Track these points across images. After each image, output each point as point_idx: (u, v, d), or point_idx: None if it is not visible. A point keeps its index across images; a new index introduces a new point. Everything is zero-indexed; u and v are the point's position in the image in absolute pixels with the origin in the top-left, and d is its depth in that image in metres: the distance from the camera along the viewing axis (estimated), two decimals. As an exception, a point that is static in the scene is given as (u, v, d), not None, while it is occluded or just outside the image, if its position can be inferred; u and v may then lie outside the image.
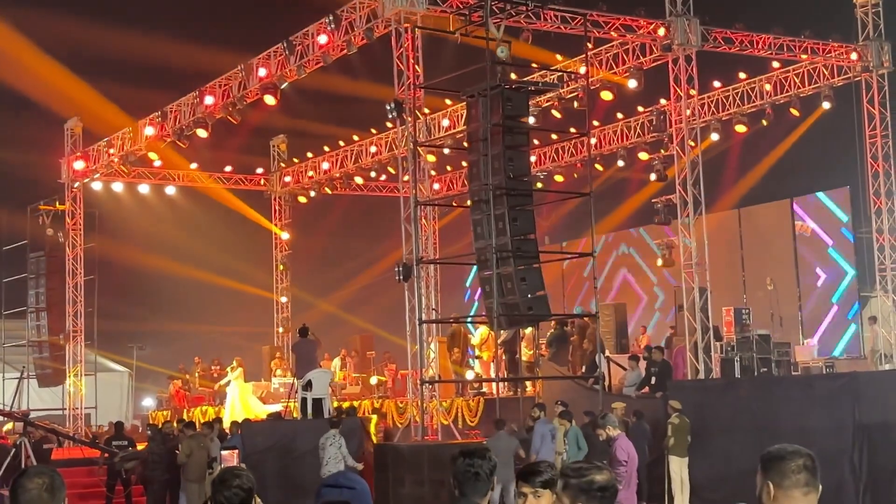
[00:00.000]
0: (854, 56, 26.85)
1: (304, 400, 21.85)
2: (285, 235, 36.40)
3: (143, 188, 34.65)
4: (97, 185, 33.34)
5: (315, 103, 32.35)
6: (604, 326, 23.66)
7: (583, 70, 24.41)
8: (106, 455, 22.61)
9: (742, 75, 28.56)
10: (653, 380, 22.14)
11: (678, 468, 18.18)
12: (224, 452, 18.56)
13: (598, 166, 30.84)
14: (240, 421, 22.40)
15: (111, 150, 31.51)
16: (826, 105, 27.65)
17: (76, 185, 32.56)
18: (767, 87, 28.30)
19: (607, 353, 23.36)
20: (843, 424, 16.60)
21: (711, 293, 24.06)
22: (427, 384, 21.60)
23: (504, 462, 16.59)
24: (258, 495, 5.64)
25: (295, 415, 23.10)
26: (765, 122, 28.77)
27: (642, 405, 20.28)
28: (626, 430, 17.19)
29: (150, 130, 29.65)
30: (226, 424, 23.45)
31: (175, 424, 24.00)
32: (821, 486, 4.54)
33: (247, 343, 35.96)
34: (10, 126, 36.69)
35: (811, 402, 17.49)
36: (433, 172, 30.40)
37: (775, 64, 27.62)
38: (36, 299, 33.10)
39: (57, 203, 32.78)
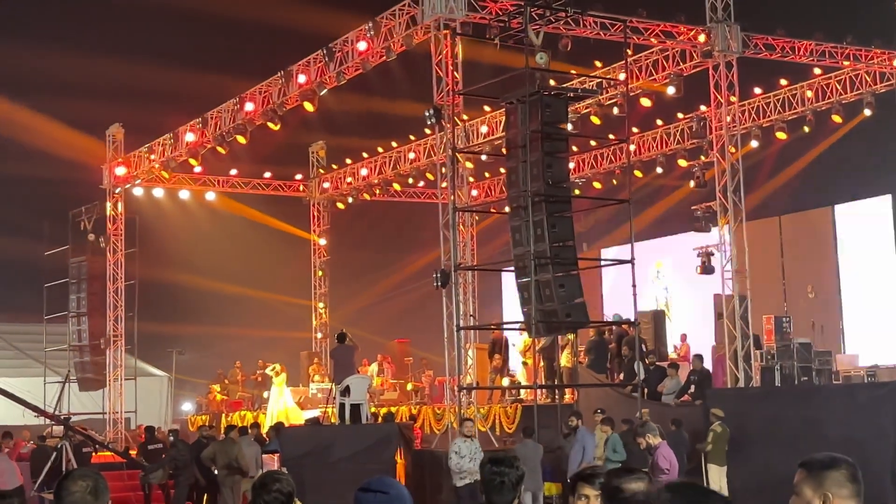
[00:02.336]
0: (897, 62, 26.64)
1: (342, 405, 21.91)
2: (322, 241, 36.56)
3: (184, 194, 34.97)
4: (138, 191, 33.65)
5: (354, 110, 32.46)
6: (642, 334, 23.55)
7: (622, 76, 24.39)
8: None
9: (783, 82, 28.38)
10: (692, 388, 22.05)
11: (717, 477, 18.08)
12: (265, 456, 18.68)
13: (637, 173, 30.72)
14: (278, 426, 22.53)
15: (152, 156, 31.80)
16: (867, 112, 27.44)
17: (117, 190, 32.87)
18: (809, 93, 28.12)
19: (647, 360, 23.26)
20: (884, 434, 16.45)
21: (751, 301, 23.93)
22: (464, 391, 21.59)
23: (532, 469, 16.57)
24: (297, 499, 5.67)
25: (333, 420, 23.15)
26: (807, 129, 28.57)
27: (682, 413, 20.19)
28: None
29: (190, 136, 29.89)
30: (266, 429, 23.57)
31: (209, 429, 24.35)
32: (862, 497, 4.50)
33: (285, 348, 36.10)
34: (52, 132, 37.14)
35: (853, 411, 17.35)
36: (471, 179, 30.43)
37: (817, 70, 27.42)
38: (77, 304, 33.37)
39: (98, 208, 33.10)
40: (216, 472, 20.52)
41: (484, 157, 29.23)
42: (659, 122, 30.61)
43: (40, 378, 31.90)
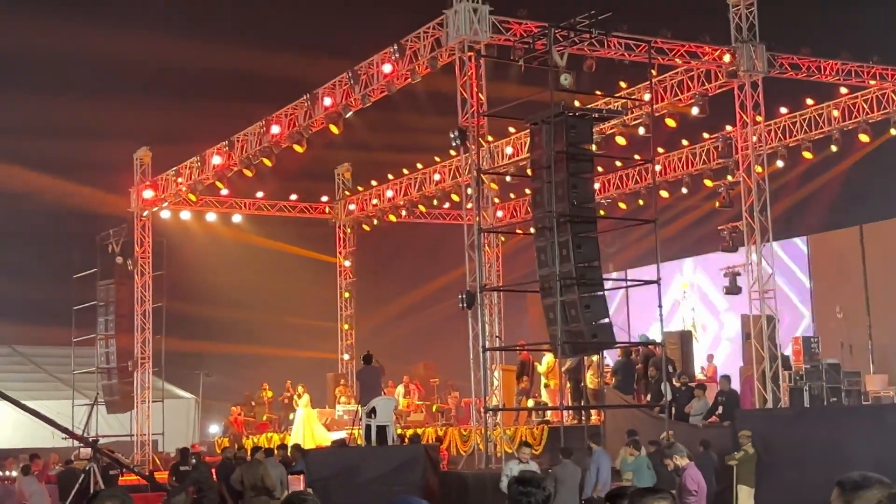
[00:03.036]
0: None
1: (368, 427, 21.90)
2: (347, 263, 36.64)
3: (211, 216, 35.13)
4: (165, 214, 33.81)
5: (379, 132, 32.58)
6: (669, 354, 23.44)
7: (647, 97, 24.37)
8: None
9: (809, 101, 28.29)
10: (720, 409, 21.92)
11: (746, 498, 17.93)
12: (290, 477, 18.67)
13: (662, 193, 30.65)
14: (304, 447, 22.53)
15: (179, 179, 31.97)
16: (894, 131, 27.30)
17: (145, 213, 33.07)
18: (835, 112, 28.00)
19: (679, 380, 23.15)
20: (915, 455, 16.27)
21: (779, 321, 23.80)
22: (490, 412, 21.55)
23: (569, 488, 16.51)
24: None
25: (359, 442, 23.15)
26: (834, 148, 28.44)
27: (710, 434, 20.06)
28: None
29: (217, 160, 30.07)
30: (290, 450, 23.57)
31: (235, 451, 24.34)
32: None
33: (311, 369, 36.15)
34: (80, 155, 37.46)
35: (882, 432, 17.18)
36: (496, 200, 30.46)
37: (843, 90, 27.31)
38: (105, 326, 33.51)
39: (126, 232, 33.29)
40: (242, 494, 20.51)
41: (509, 179, 29.25)
42: (684, 141, 30.56)
43: (69, 400, 32.05)
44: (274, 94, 31.05)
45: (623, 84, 26.00)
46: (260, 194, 34.77)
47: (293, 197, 35.84)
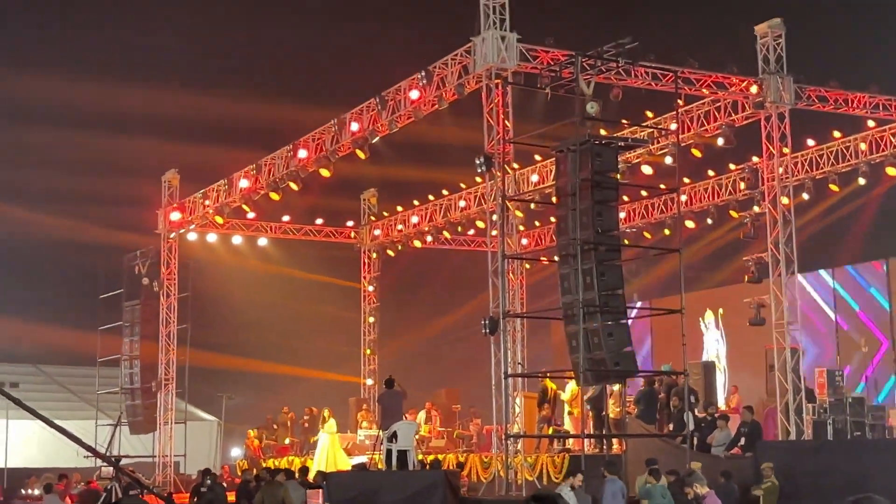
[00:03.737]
0: (952, 115, 26.45)
1: (389, 451, 21.91)
2: (371, 288, 36.73)
3: (237, 239, 35.31)
4: (192, 236, 34.00)
5: (405, 158, 32.73)
6: (692, 385, 23.35)
7: (673, 127, 24.40)
8: None
9: (837, 133, 28.24)
10: (742, 440, 21.82)
11: (768, 530, 17.86)
12: (309, 492, 18.70)
13: (688, 223, 30.62)
14: (326, 471, 22.55)
15: (206, 202, 32.18)
16: (923, 165, 27.22)
17: (172, 235, 33.28)
18: (863, 146, 27.93)
19: (707, 411, 23.07)
20: (939, 490, 16.14)
21: (804, 354, 23.70)
22: (512, 439, 21.52)
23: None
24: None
25: (380, 466, 23.15)
26: (862, 181, 28.36)
27: (731, 465, 19.99)
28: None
29: (244, 183, 30.26)
30: (314, 474, 23.62)
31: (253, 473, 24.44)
32: None
33: (335, 392, 36.20)
34: (108, 177, 37.78)
35: (906, 466, 17.07)
36: (521, 227, 30.50)
37: (871, 122, 27.25)
38: (130, 347, 33.70)
39: (152, 253, 33.51)
40: None
41: (533, 206, 29.27)
42: (710, 172, 30.52)
43: (92, 420, 32.20)
44: (302, 118, 31.27)
45: (649, 113, 26.06)
46: (286, 218, 34.93)
47: (319, 221, 35.99)
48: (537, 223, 34.88)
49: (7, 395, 20.73)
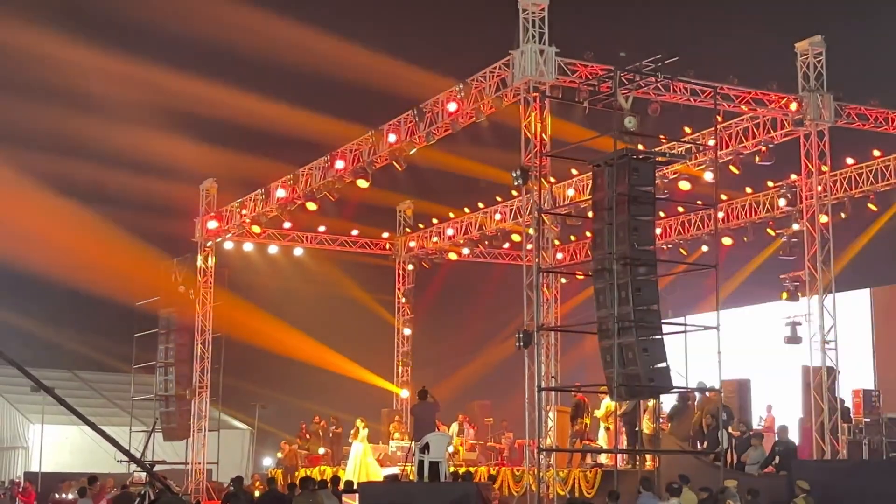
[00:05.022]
0: None
1: (420, 463, 21.89)
2: (404, 299, 36.79)
3: (272, 249, 35.49)
4: (228, 245, 34.21)
5: (442, 170, 32.79)
6: (727, 402, 23.22)
7: (712, 143, 24.34)
8: None
9: (876, 153, 28.07)
10: (777, 459, 21.69)
11: (802, 549, 17.72)
12: (346, 496, 18.70)
13: (725, 240, 30.49)
14: (357, 481, 22.58)
15: (244, 211, 32.39)
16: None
17: (209, 243, 33.52)
18: (902, 164, 27.78)
19: (731, 428, 22.94)
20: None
21: (840, 373, 23.54)
22: (544, 453, 21.49)
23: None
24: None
25: (412, 477, 23.16)
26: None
27: (765, 484, 19.86)
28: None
29: (281, 192, 30.43)
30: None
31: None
32: None
33: (368, 401, 36.26)
34: (147, 184, 38.06)
35: (942, 488, 16.92)
36: (557, 242, 30.48)
37: (911, 142, 27.11)
38: (165, 354, 33.91)
39: (189, 261, 33.76)
40: None
41: (569, 220, 29.22)
42: (748, 189, 30.41)
43: (126, 427, 32.41)
44: (339, 127, 31.45)
45: (688, 129, 25.98)
46: (322, 228, 35.08)
47: (354, 232, 36.11)
48: (573, 238, 34.87)
49: (55, 396, 20.87)
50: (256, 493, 25.95)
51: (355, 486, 22.98)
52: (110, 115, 39.94)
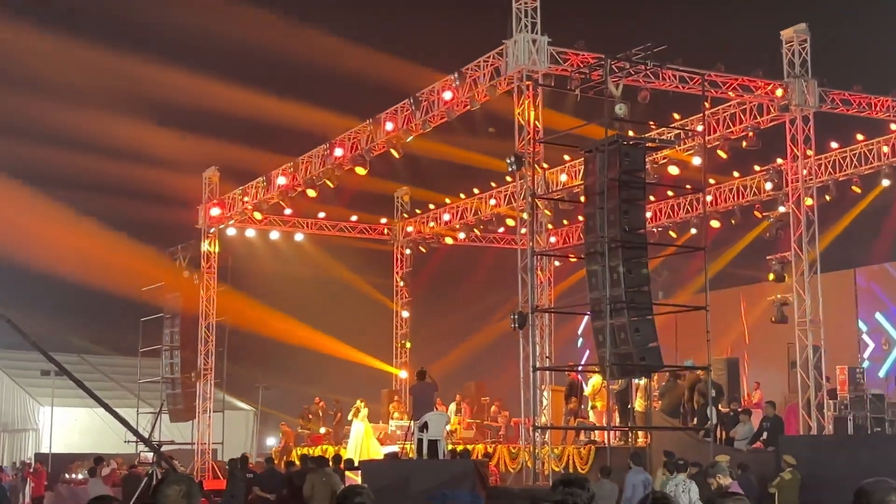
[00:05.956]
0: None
1: (420, 441, 21.97)
2: (402, 283, 36.78)
3: (274, 234, 35.48)
4: (231, 231, 34.19)
5: (438, 157, 32.76)
6: (716, 380, 23.30)
7: (700, 128, 24.35)
8: None
9: (860, 136, 28.09)
10: (765, 434, 21.78)
11: (789, 521, 17.82)
12: (348, 473, 18.67)
13: (713, 223, 30.51)
14: (358, 459, 22.63)
15: (245, 198, 32.38)
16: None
17: (212, 230, 33.51)
18: (885, 148, 27.78)
19: (731, 406, 23.01)
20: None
21: (826, 351, 23.61)
22: (539, 431, 21.56)
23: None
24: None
25: (411, 455, 23.23)
26: (886, 183, 28.19)
27: (753, 459, 19.95)
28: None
29: (282, 180, 30.41)
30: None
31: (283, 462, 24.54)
32: None
33: (366, 384, 36.28)
34: (152, 173, 38.03)
35: (925, 461, 16.96)
36: (550, 226, 30.47)
37: (893, 126, 27.09)
38: (170, 338, 33.91)
39: (193, 247, 33.72)
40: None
41: (561, 205, 29.26)
42: (735, 173, 30.43)
43: (134, 409, 32.40)
44: (337, 118, 31.40)
45: (676, 115, 26.00)
46: (322, 214, 35.07)
47: (353, 218, 36.10)
48: (565, 221, 34.85)
49: (69, 375, 20.91)
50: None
51: (356, 464, 23.01)
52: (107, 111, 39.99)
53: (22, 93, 39.32)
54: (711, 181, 29.49)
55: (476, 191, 33.83)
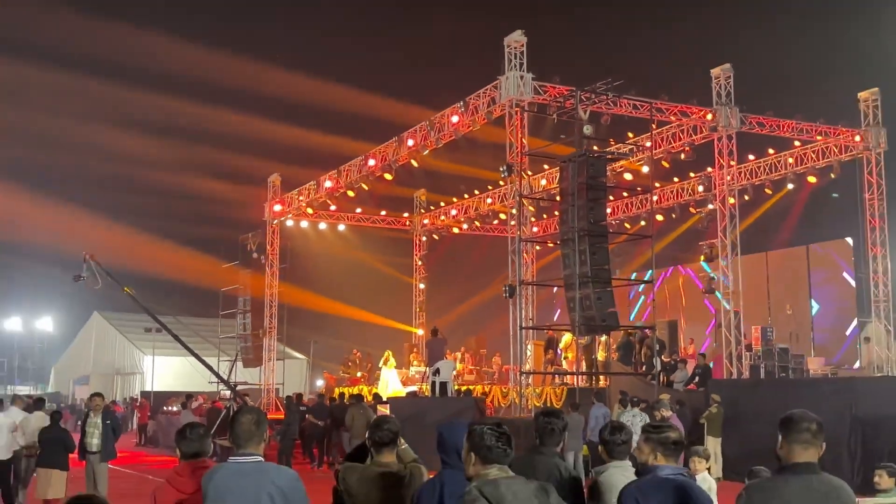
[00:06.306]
0: (858, 138, 26.16)
1: (433, 383, 22.04)
2: (420, 263, 36.74)
3: (322, 225, 35.43)
4: (290, 223, 34.18)
5: (447, 166, 32.72)
6: (659, 335, 23.27)
7: (648, 144, 24.26)
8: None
9: (771, 150, 27.96)
10: (697, 378, 21.76)
11: (713, 446, 17.81)
12: (379, 406, 18.66)
13: (658, 216, 30.38)
14: (386, 397, 22.65)
15: (301, 197, 32.37)
16: (833, 175, 26.91)
17: (275, 222, 33.49)
18: (790, 160, 27.67)
19: (663, 357, 22.98)
20: (842, 417, 16.08)
21: (743, 316, 23.55)
22: (524, 375, 21.59)
23: (575, 435, 16.55)
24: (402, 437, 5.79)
25: (426, 394, 23.28)
26: (790, 186, 28.11)
27: (688, 397, 19.94)
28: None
29: (328, 183, 30.39)
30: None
31: (333, 398, 24.53)
32: (823, 446, 4.48)
33: (392, 338, 36.35)
34: (230, 177, 38.06)
35: (819, 399, 16.93)
36: (533, 219, 30.41)
37: (797, 143, 26.97)
38: (243, 305, 33.91)
39: (260, 235, 33.71)
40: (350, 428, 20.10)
41: (542, 202, 29.18)
42: (675, 178, 30.31)
43: (216, 358, 32.40)
44: (371, 134, 31.36)
45: (631, 134, 25.86)
46: (358, 210, 35.01)
47: (382, 213, 36.03)
48: (545, 216, 34.78)
49: (170, 332, 21.00)
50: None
51: (385, 400, 23.07)
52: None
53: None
54: (657, 185, 29.39)
55: (476, 192, 33.74)
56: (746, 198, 28.42)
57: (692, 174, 29.34)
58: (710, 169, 26.69)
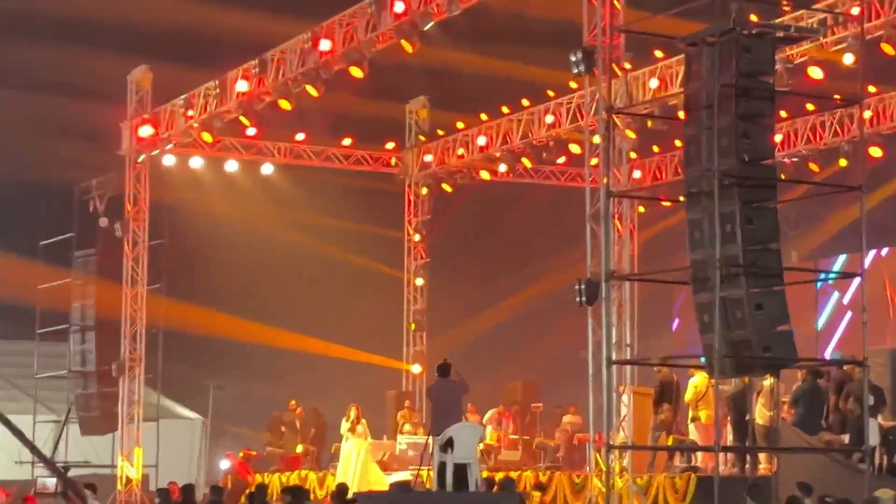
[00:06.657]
0: None
1: (442, 465, 22.02)
2: (418, 237, 36.74)
3: (231, 165, 35.47)
4: (169, 160, 34.14)
5: (470, 53, 32.63)
6: (877, 380, 23.22)
7: (856, 11, 24.10)
8: None
9: None
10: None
11: None
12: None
13: (873, 151, 30.26)
14: (352, 492, 22.71)
15: (189, 112, 32.33)
16: None
17: (141, 158, 33.48)
18: None
19: (880, 418, 22.96)
20: None
21: None
22: (615, 451, 21.56)
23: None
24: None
25: (428, 486, 23.33)
26: None
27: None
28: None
29: (242, 86, 30.33)
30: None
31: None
32: None
33: (367, 382, 36.45)
34: (54, 75, 37.99)
35: None
36: (633, 154, 30.38)
37: None
38: (82, 314, 33.94)
39: (113, 183, 33.70)
40: None
41: (650, 123, 29.15)
42: (904, 79, 30.23)
43: (29, 415, 32.42)
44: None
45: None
46: (301, 137, 35.01)
47: (346, 142, 36.04)
48: (656, 149, 34.74)
49: None
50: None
51: (349, 496, 23.14)
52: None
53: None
54: (872, 89, 29.21)
55: (525, 102, 33.65)
56: None
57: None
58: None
